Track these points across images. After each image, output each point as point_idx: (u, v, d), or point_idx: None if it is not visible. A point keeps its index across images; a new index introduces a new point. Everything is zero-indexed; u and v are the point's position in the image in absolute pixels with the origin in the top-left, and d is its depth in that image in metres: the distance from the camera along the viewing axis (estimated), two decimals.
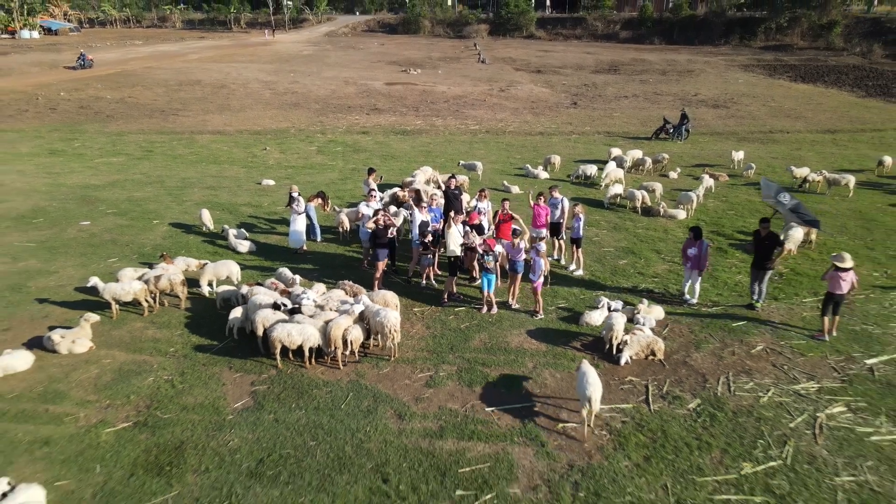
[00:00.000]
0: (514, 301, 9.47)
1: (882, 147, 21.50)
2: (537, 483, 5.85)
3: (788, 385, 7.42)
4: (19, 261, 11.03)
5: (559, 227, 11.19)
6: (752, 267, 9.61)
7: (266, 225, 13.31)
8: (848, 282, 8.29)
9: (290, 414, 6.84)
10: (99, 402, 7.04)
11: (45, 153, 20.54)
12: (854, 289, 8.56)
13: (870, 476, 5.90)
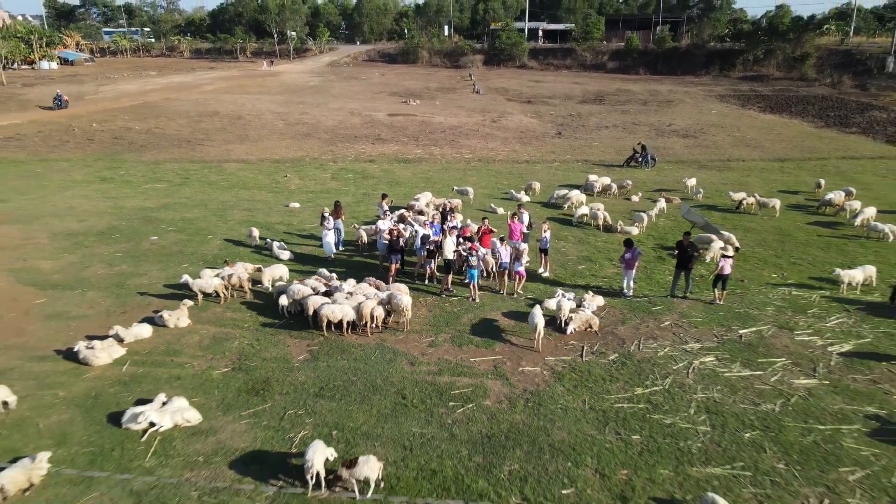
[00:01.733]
0: (504, 291, 12.92)
1: (820, 174, 25.07)
2: (502, 399, 9.16)
3: (680, 345, 10.77)
4: (114, 266, 14.38)
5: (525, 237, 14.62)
6: (676, 268, 13.05)
7: (298, 239, 16.69)
8: (728, 266, 11.87)
9: (338, 362, 10.16)
10: (204, 356, 10.34)
11: (97, 180, 23.97)
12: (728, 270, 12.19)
13: (716, 394, 9.22)
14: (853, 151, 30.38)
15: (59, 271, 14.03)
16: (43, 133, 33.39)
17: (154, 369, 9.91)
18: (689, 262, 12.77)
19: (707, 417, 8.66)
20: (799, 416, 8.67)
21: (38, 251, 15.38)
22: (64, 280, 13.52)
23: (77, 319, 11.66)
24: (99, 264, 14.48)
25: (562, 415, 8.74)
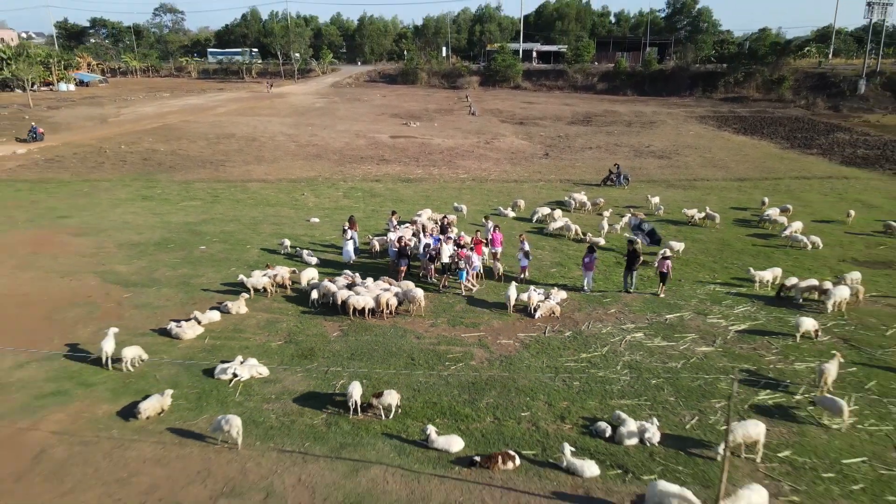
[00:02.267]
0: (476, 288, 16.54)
1: (771, 192, 28.82)
2: (483, 361, 12.75)
3: (619, 326, 14.39)
4: (177, 269, 17.99)
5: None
6: (625, 269, 16.72)
7: (321, 248, 20.30)
8: (665, 265, 15.56)
9: (363, 337, 13.75)
10: (262, 333, 13.92)
11: (139, 198, 27.62)
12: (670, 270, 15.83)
13: (638, 357, 12.83)
14: (807, 172, 34.22)
15: (134, 273, 17.64)
16: (79, 155, 37.13)
17: (227, 342, 13.49)
18: (634, 265, 16.44)
19: (628, 371, 12.26)
20: (693, 370, 12.28)
21: (111, 258, 18.99)
22: (140, 280, 17.13)
23: (159, 308, 15.25)
24: (164, 268, 18.10)
25: (525, 370, 12.34)
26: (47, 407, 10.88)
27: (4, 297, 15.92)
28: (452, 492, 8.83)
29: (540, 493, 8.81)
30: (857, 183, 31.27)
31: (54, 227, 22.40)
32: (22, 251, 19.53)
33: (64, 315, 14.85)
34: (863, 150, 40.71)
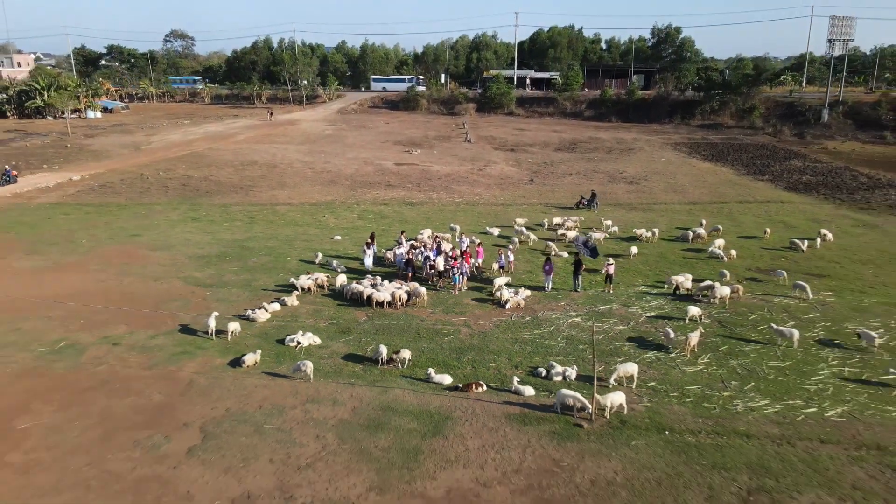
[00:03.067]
0: (457, 291, 22.58)
1: (715, 214, 34.90)
2: (467, 335, 18.72)
3: (565, 314, 20.38)
4: (239, 275, 24.01)
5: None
6: (573, 274, 22.76)
7: (346, 259, 26.30)
8: (612, 267, 21.66)
9: (383, 320, 19.74)
10: (312, 318, 19.88)
11: (189, 220, 33.68)
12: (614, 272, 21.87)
13: (573, 332, 18.81)
14: (752, 196, 40.41)
15: (207, 278, 23.66)
16: (125, 181, 43.29)
17: (288, 323, 19.45)
18: (579, 271, 22.46)
19: (565, 341, 18.23)
20: (609, 340, 18.25)
21: (185, 267, 25.02)
22: (214, 282, 23.15)
23: (234, 302, 21.22)
24: (229, 274, 24.12)
25: (495, 340, 18.30)
26: (182, 360, 16.83)
27: (120, 294, 21.90)
28: (444, 402, 14.75)
29: (496, 402, 14.73)
30: (790, 206, 37.44)
31: (132, 243, 28.45)
32: (116, 262, 25.57)
33: (167, 307, 20.83)
34: (808, 176, 46.99)
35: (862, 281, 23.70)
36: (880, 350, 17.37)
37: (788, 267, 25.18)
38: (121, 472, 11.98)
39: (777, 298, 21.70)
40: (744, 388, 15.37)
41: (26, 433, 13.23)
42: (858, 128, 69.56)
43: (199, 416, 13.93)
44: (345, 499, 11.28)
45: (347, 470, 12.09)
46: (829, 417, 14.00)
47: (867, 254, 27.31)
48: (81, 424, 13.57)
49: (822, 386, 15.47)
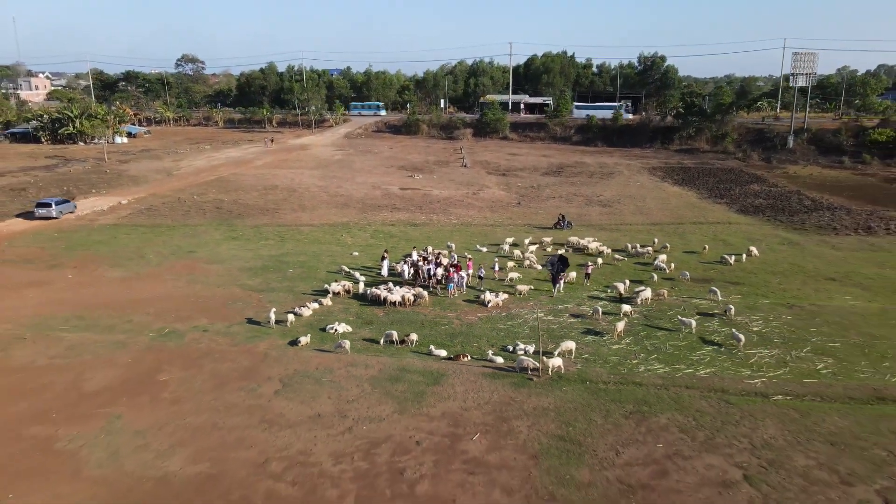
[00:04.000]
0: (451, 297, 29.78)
1: (669, 234, 42.02)
2: (458, 325, 25.80)
3: (532, 311, 27.47)
4: (282, 283, 31.12)
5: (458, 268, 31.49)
6: (552, 281, 29.92)
7: (365, 271, 33.39)
8: (591, 268, 28.98)
9: (396, 315, 26.84)
10: (343, 314, 26.96)
11: (230, 238, 40.81)
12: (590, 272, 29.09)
13: (537, 324, 25.88)
14: (706, 218, 47.63)
15: (258, 285, 30.74)
16: (166, 204, 50.51)
17: (325, 318, 26.47)
18: (557, 279, 29.58)
19: (529, 328, 25.28)
20: (561, 329, 25.31)
21: (238, 277, 32.11)
22: (264, 288, 30.24)
23: (282, 303, 28.26)
24: (274, 282, 31.23)
25: (478, 329, 25.37)
26: (255, 341, 23.87)
27: (194, 297, 28.98)
28: (441, 366, 21.75)
29: (476, 366, 21.75)
30: (735, 227, 44.66)
31: (190, 258, 35.60)
32: (183, 273, 32.70)
33: (232, 306, 27.89)
34: (760, 199, 54.27)
35: (766, 287, 30.82)
36: (753, 334, 24.46)
37: (715, 277, 32.35)
38: (235, 402, 19.02)
39: (695, 300, 28.81)
40: (648, 359, 22.44)
41: (166, 383, 20.27)
42: (820, 153, 77.03)
43: (276, 374, 20.98)
44: (378, 417, 18.29)
45: (378, 402, 19.12)
46: (698, 375, 21.04)
47: (780, 266, 34.44)
48: (200, 378, 20.62)
49: (702, 357, 22.54)
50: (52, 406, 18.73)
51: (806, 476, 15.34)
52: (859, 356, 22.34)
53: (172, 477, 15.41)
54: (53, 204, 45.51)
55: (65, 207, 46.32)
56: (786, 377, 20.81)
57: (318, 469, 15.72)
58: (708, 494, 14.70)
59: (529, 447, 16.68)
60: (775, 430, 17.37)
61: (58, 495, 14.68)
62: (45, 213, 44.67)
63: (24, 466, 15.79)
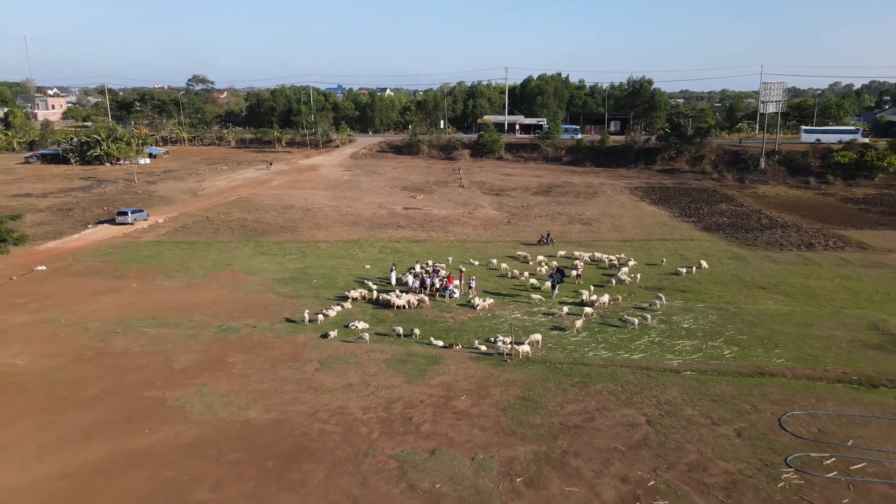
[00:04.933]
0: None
1: (637, 249, 49.14)
2: (452, 323, 32.95)
3: (512, 313, 34.62)
4: (309, 290, 38.30)
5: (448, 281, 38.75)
6: (552, 288, 37.15)
7: (375, 281, 40.54)
8: (580, 269, 36.24)
9: (403, 315, 34.00)
10: (360, 315, 34.12)
11: (258, 254, 47.99)
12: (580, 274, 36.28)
13: (513, 323, 33.01)
14: (672, 235, 54.84)
15: (289, 293, 37.90)
16: (197, 223, 57.79)
17: (347, 318, 33.61)
18: (555, 286, 36.79)
19: (508, 325, 32.38)
20: (534, 326, 32.43)
21: (272, 286, 39.28)
22: (294, 295, 37.39)
23: (311, 306, 35.35)
24: (302, 290, 38.39)
25: (468, 326, 32.49)
26: (295, 335, 30.98)
27: (239, 302, 36.13)
28: (439, 352, 28.82)
29: (465, 352, 28.84)
30: (695, 243, 51.86)
31: (229, 270, 42.78)
32: (226, 282, 39.87)
33: (271, 309, 35.02)
34: (725, 218, 61.52)
35: (706, 294, 37.97)
36: (682, 329, 31.59)
37: (666, 286, 39.49)
38: (287, 376, 26.13)
39: (644, 304, 35.94)
40: (597, 347, 29.55)
41: (234, 363, 27.39)
42: (790, 174, 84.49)
43: (314, 357, 28.10)
44: (392, 385, 25.35)
45: (392, 376, 26.20)
46: (632, 358, 28.15)
47: (723, 277, 41.59)
48: (258, 360, 27.74)
49: (638, 346, 29.65)
50: (154, 378, 25.85)
51: (689, 420, 22.42)
52: (758, 345, 29.48)
53: (253, 421, 22.50)
54: (129, 213, 56.57)
55: (139, 216, 57.30)
56: (697, 360, 27.93)
57: (352, 417, 22.80)
58: (619, 431, 21.77)
59: (500, 404, 23.77)
60: (676, 393, 24.47)
61: (177, 432, 21.74)
62: (122, 220, 55.91)
63: (149, 415, 22.87)
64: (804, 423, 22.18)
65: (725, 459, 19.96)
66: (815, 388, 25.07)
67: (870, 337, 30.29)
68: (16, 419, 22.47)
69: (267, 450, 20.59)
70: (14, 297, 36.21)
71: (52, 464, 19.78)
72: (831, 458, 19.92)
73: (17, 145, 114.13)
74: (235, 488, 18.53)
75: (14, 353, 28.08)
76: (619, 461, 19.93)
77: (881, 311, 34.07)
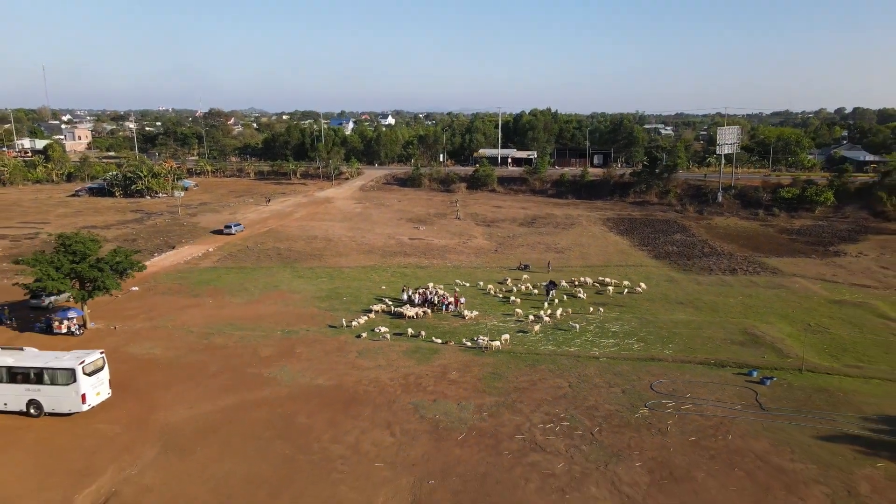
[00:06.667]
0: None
1: (594, 272, 63.02)
2: (447, 328, 46.80)
3: (490, 321, 48.49)
4: (341, 305, 52.16)
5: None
6: (546, 294, 51.09)
7: (391, 298, 54.35)
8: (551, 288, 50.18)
9: (413, 322, 47.87)
10: (382, 323, 47.98)
11: (296, 277, 61.86)
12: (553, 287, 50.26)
13: (491, 326, 46.83)
14: (627, 262, 68.81)
15: (327, 306, 51.75)
16: (241, 252, 71.79)
17: (372, 325, 47.42)
18: (548, 296, 50.65)
19: (487, 329, 46.18)
20: (504, 328, 46.24)
21: (313, 302, 53.14)
22: (331, 308, 51.22)
23: (346, 315, 49.17)
24: (337, 304, 52.26)
25: (460, 330, 46.30)
26: (338, 335, 44.75)
27: (292, 313, 49.94)
28: (438, 347, 42.57)
29: (457, 347, 42.60)
30: (642, 269, 65.82)
31: (277, 290, 56.65)
32: (278, 300, 53.73)
33: (316, 318, 48.83)
34: (675, 247, 75.57)
35: (637, 308, 51.79)
36: (610, 331, 45.42)
37: (609, 302, 53.31)
38: (338, 360, 39.92)
39: (587, 315, 49.71)
40: (547, 343, 43.32)
41: (301, 353, 41.18)
42: (743, 206, 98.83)
43: (354, 349, 41.89)
44: (407, 366, 39.08)
45: (406, 361, 39.96)
46: (570, 350, 41.92)
47: (654, 296, 55.45)
48: (316, 351, 41.53)
49: (577, 342, 43.42)
50: (250, 362, 39.61)
51: (595, 385, 36.16)
52: (658, 342, 43.28)
53: (321, 385, 36.22)
54: (233, 226, 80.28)
55: (237, 228, 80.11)
56: (613, 351, 41.71)
57: (383, 383, 36.52)
58: (549, 390, 35.48)
59: (477, 376, 37.51)
60: (592, 371, 38.24)
61: (276, 391, 35.45)
62: (227, 231, 79.07)
63: (254, 382, 36.56)
64: (666, 387, 35.95)
65: (610, 404, 33.71)
66: (684, 367, 38.86)
67: (737, 337, 44.14)
68: (172, 384, 36.23)
69: (334, 399, 34.34)
70: (126, 311, 50.08)
71: (205, 406, 33.50)
72: (672, 403, 33.68)
73: (55, 177, 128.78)
74: (320, 417, 32.25)
75: (150, 347, 41.90)
76: (546, 405, 33.67)
77: (757, 320, 47.96)
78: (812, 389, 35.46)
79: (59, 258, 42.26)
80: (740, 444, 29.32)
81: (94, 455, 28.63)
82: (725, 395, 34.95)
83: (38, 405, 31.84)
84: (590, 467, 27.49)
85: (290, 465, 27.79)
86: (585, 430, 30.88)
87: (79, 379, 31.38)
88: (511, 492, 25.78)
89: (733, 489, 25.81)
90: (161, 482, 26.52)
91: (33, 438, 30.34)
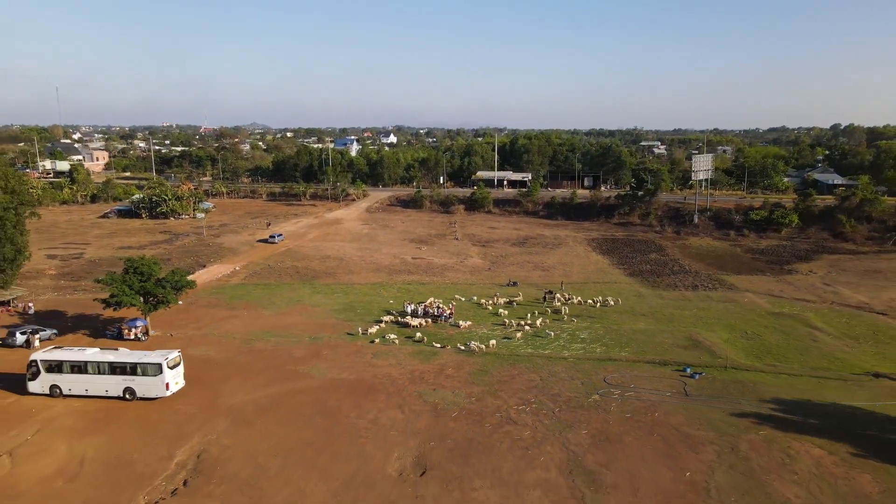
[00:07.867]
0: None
1: (573, 289, 73.44)
2: (445, 335, 57.28)
3: (481, 329, 58.96)
4: (356, 316, 62.66)
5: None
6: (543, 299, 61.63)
7: (399, 311, 64.78)
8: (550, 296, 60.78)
9: (417, 330, 58.33)
10: (393, 330, 58.47)
11: (315, 293, 72.34)
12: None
13: (481, 334, 57.28)
14: (603, 279, 79.27)
15: (344, 318, 62.19)
16: (263, 270, 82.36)
17: (385, 331, 57.89)
18: (546, 299, 61.13)
19: (478, 336, 56.59)
20: (493, 335, 56.69)
21: (333, 314, 63.60)
22: (348, 319, 61.70)
23: (361, 324, 59.58)
24: (353, 316, 62.72)
25: (456, 337, 56.73)
26: (355, 341, 55.17)
27: (316, 323, 60.40)
28: (437, 350, 52.96)
29: (453, 350, 53.00)
30: (618, 285, 76.28)
31: (300, 304, 67.15)
32: (302, 312, 64.22)
33: (335, 327, 59.28)
34: (648, 266, 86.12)
35: (606, 319, 62.17)
36: (579, 338, 55.84)
37: (582, 313, 63.72)
38: (357, 360, 50.33)
39: (564, 325, 60.11)
40: (526, 347, 53.71)
41: (327, 355, 51.61)
42: (716, 227, 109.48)
43: (369, 352, 52.31)
44: (412, 364, 49.46)
45: (411, 360, 50.35)
46: (544, 352, 52.32)
47: (623, 309, 65.86)
48: (339, 353, 51.96)
49: (551, 346, 53.83)
50: (287, 361, 50.02)
51: (561, 379, 46.52)
52: (618, 345, 53.69)
53: (346, 378, 46.62)
54: (276, 237, 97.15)
55: (278, 238, 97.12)
56: (580, 353, 52.09)
57: (394, 377, 46.90)
58: (524, 383, 45.81)
59: (468, 372, 47.89)
60: (560, 368, 48.62)
61: (311, 383, 45.84)
62: (272, 241, 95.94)
63: (293, 376, 46.95)
64: (616, 380, 46.31)
65: (570, 392, 44.09)
66: (635, 366, 49.24)
67: (682, 342, 54.58)
68: (229, 377, 46.65)
69: (356, 389, 44.72)
70: (176, 322, 60.59)
71: (258, 392, 43.89)
72: (618, 391, 44.05)
73: (80, 198, 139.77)
74: (346, 401, 42.62)
75: (205, 350, 52.37)
76: (520, 393, 44.02)
77: (703, 329, 58.39)
78: (730, 381, 45.88)
79: (130, 278, 52.81)
80: (662, 419, 39.70)
81: (181, 426, 39.03)
82: (662, 385, 45.34)
83: (132, 391, 42.26)
84: (548, 434, 37.84)
85: (328, 432, 38.18)
86: (549, 410, 41.24)
87: (164, 371, 41.83)
88: (489, 450, 36.10)
89: (650, 447, 36.15)
90: (235, 443, 36.89)
91: (132, 415, 40.75)
